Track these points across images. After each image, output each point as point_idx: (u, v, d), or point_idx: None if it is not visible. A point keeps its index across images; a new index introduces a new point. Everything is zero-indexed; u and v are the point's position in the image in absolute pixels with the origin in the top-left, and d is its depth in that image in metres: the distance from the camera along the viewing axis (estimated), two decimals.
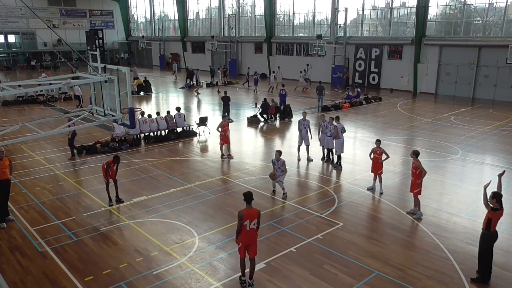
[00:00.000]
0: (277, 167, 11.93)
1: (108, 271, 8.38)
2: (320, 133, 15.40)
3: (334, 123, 14.73)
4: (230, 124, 17.03)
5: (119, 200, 11.83)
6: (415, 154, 10.94)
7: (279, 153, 12.04)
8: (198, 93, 32.50)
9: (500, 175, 8.51)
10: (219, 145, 16.22)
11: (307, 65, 37.67)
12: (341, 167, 14.75)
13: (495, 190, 8.09)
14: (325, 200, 12.03)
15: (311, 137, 15.62)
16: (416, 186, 10.76)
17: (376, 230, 10.34)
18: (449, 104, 28.26)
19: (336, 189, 12.91)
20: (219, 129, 16.13)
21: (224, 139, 16.06)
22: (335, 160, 15.00)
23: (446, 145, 17.54)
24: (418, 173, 10.68)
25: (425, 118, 23.44)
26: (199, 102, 29.83)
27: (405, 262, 8.69)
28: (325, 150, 15.49)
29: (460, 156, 16.10)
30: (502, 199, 7.91)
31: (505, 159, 15.78)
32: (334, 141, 14.71)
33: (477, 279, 8.05)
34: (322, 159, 15.66)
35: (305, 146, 15.71)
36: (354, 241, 9.60)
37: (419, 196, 10.90)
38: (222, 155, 16.11)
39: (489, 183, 8.07)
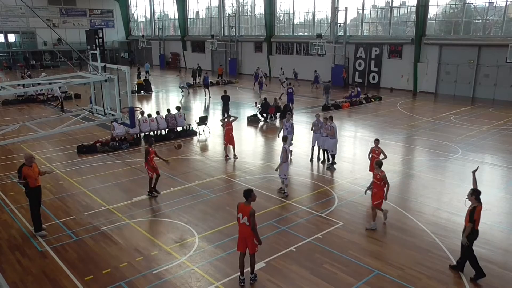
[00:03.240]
0: (285, 127, 13.26)
1: (108, 271, 8.38)
2: (313, 132, 15.43)
3: (328, 122, 14.67)
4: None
5: (156, 191, 12.19)
6: (379, 165, 10.20)
7: (289, 115, 13.78)
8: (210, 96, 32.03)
9: (474, 172, 8.65)
10: (224, 145, 16.15)
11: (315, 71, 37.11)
12: (334, 168, 14.70)
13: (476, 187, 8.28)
14: (325, 199, 12.03)
15: (292, 139, 15.43)
16: (378, 197, 10.10)
17: (376, 229, 10.33)
18: (449, 103, 28.25)
19: (336, 188, 12.90)
20: (223, 126, 16.16)
21: (228, 139, 15.76)
22: (330, 160, 14.96)
23: (446, 145, 17.54)
24: (382, 185, 10.03)
25: (425, 117, 23.44)
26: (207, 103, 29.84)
27: (405, 262, 8.69)
28: (320, 150, 15.43)
29: (460, 155, 16.11)
30: (502, 198, 7.93)
31: (505, 159, 15.78)
32: (329, 140, 14.69)
33: (474, 277, 8.06)
34: (311, 160, 15.53)
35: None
36: (354, 241, 9.60)
37: (378, 208, 10.23)
38: (227, 156, 15.89)
39: (477, 168, 8.69)
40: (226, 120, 16.25)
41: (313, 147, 15.58)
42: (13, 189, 12.76)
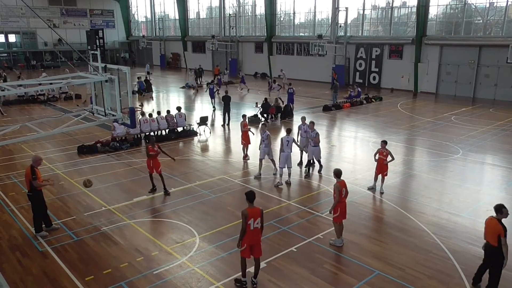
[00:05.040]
0: (262, 139, 13.71)
1: (109, 271, 8.38)
2: (299, 136, 14.76)
3: (313, 129, 13.91)
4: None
5: (166, 193, 12.27)
6: (335, 174, 9.27)
7: (264, 125, 14.26)
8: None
9: None
10: (242, 146, 15.93)
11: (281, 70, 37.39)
12: (321, 166, 14.27)
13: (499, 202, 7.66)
14: (325, 199, 12.01)
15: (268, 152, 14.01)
16: (335, 210, 9.16)
17: (377, 229, 10.34)
18: (449, 103, 28.24)
19: None
20: (242, 129, 15.91)
21: (246, 139, 15.70)
22: (317, 168, 14.30)
23: (446, 145, 17.53)
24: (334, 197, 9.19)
25: (425, 117, 23.43)
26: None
27: (406, 262, 8.69)
28: (303, 154, 14.73)
29: (461, 155, 16.09)
30: (503, 198, 7.90)
31: (505, 159, 15.77)
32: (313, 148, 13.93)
33: None
34: (299, 164, 14.90)
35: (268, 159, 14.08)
36: (355, 241, 9.59)
37: (338, 222, 9.31)
38: (245, 156, 15.81)
39: None
40: (243, 120, 16.15)
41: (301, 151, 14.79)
42: (14, 189, 12.76)
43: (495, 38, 29.66)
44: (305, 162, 14.64)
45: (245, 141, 15.82)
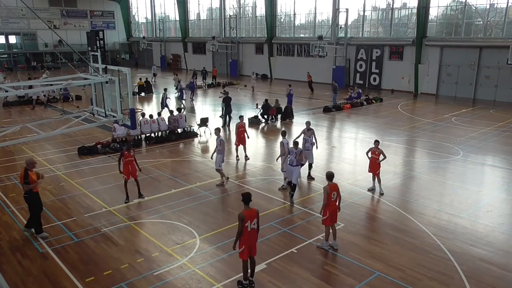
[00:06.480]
0: (216, 146, 13.03)
1: (109, 272, 8.38)
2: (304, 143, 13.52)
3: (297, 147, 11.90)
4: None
5: (140, 196, 12.07)
6: (328, 177, 9.16)
7: (218, 130, 13.31)
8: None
9: None
10: (235, 146, 15.98)
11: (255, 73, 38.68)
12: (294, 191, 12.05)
13: None
14: None
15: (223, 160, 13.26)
16: (324, 213, 9.07)
17: (377, 230, 10.33)
18: (450, 104, 28.25)
19: None
20: (236, 130, 15.80)
21: (240, 140, 15.62)
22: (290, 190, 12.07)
23: (447, 146, 17.53)
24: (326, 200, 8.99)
25: (426, 118, 23.43)
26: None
27: (406, 263, 8.68)
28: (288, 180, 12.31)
29: (461, 156, 16.09)
30: (504, 199, 7.86)
31: (506, 160, 15.76)
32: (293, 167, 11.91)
33: None
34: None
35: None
36: (355, 242, 9.59)
37: (326, 225, 9.24)
38: (237, 156, 15.81)
39: None
40: (241, 121, 16.04)
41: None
42: (14, 190, 12.77)
43: (496, 39, 29.67)
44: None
45: (239, 142, 15.75)
